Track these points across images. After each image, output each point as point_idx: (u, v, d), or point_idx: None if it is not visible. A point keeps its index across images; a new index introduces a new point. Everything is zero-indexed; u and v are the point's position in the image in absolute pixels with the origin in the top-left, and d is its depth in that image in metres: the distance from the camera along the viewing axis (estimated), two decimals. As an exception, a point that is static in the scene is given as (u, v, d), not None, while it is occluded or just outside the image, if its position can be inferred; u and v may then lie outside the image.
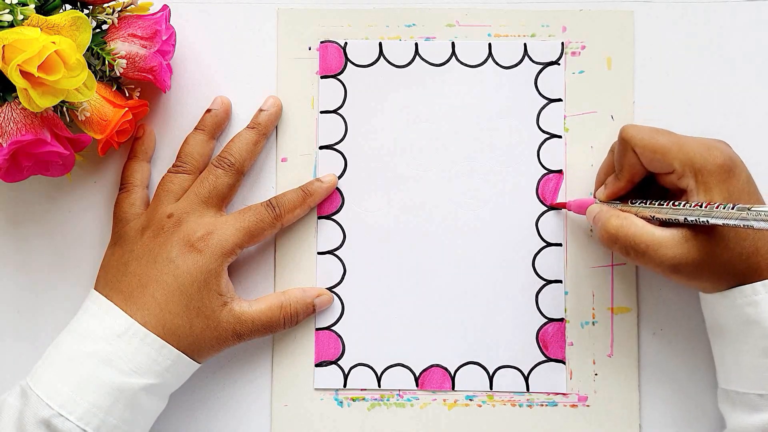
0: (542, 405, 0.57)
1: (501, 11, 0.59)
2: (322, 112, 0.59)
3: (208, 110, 0.58)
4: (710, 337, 0.53)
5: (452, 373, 0.57)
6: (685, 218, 0.48)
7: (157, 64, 0.54)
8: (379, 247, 0.58)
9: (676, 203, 0.49)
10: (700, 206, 0.48)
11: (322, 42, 0.59)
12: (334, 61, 0.59)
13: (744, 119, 0.58)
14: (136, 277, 0.53)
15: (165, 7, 0.55)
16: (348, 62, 0.59)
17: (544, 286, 0.57)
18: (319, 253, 0.58)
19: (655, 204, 0.51)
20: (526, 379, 0.57)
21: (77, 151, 0.54)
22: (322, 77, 0.59)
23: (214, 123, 0.58)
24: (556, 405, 0.57)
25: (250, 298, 0.57)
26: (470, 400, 0.57)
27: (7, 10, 0.49)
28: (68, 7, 0.53)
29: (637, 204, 0.52)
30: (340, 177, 0.58)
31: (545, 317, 0.57)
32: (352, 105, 0.58)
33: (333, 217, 0.58)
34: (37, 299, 0.58)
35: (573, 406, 0.57)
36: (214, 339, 0.54)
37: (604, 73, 0.58)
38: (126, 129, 0.55)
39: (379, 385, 0.57)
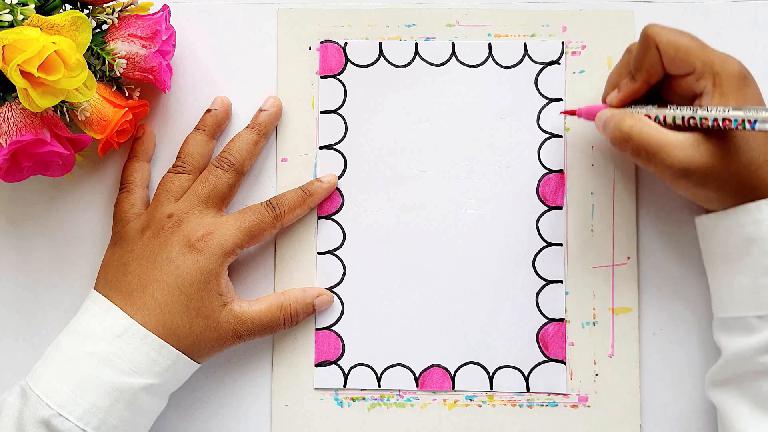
0: (542, 405, 0.57)
1: (501, 11, 0.59)
2: (322, 112, 0.59)
3: (208, 110, 0.58)
4: (707, 266, 0.53)
5: (452, 373, 0.57)
6: (701, 117, 0.48)
7: (157, 64, 0.54)
8: (379, 247, 0.58)
9: (691, 109, 0.49)
10: (715, 108, 0.48)
11: (322, 42, 0.59)
12: (334, 61, 0.59)
13: (744, 119, 0.58)
14: (136, 277, 0.53)
15: (165, 7, 0.55)
16: (348, 62, 0.59)
17: (544, 286, 0.57)
18: (319, 253, 0.58)
19: (668, 108, 0.50)
20: (527, 379, 0.57)
21: (77, 151, 0.54)
22: (322, 77, 0.59)
23: (214, 123, 0.58)
24: (557, 405, 0.57)
25: (250, 298, 0.57)
26: (470, 400, 0.57)
27: (7, 10, 0.49)
28: (68, 7, 0.53)
29: (651, 110, 0.51)
30: (340, 177, 0.58)
31: (545, 317, 0.57)
32: (352, 105, 0.58)
33: (333, 217, 0.58)
34: (37, 299, 0.58)
35: (573, 406, 0.57)
36: (214, 339, 0.54)
37: (604, 73, 0.58)
38: (126, 129, 0.55)
39: (379, 385, 0.57)
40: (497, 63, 0.58)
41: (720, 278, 0.52)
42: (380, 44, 0.59)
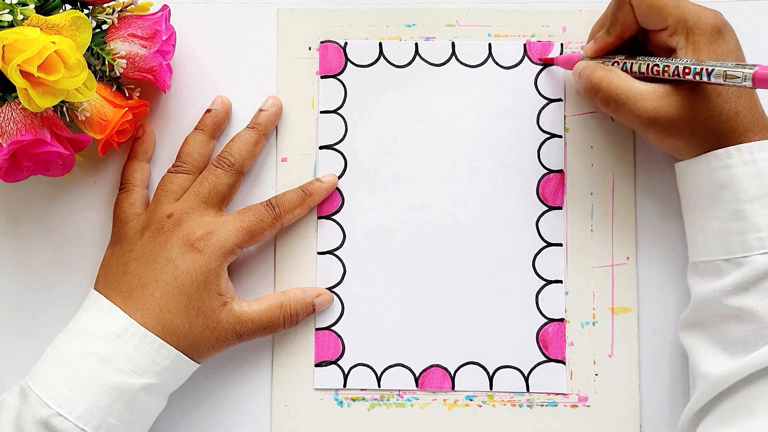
0: (542, 405, 0.57)
1: (501, 11, 0.59)
2: (322, 112, 0.59)
3: (208, 110, 0.58)
4: (684, 211, 0.54)
5: (452, 373, 0.57)
6: (664, 66, 0.50)
7: (157, 64, 0.54)
8: (379, 247, 0.58)
9: (657, 59, 0.51)
10: (684, 61, 0.49)
11: (322, 42, 0.59)
12: (334, 61, 0.59)
13: (744, 119, 0.58)
14: (135, 277, 0.53)
15: (165, 7, 0.55)
16: (348, 62, 0.59)
17: (544, 286, 0.57)
18: (319, 253, 0.58)
19: (636, 59, 0.52)
20: (526, 379, 0.57)
21: (77, 151, 0.54)
22: (322, 77, 0.59)
23: (214, 123, 0.58)
24: (557, 405, 0.57)
25: (250, 298, 0.57)
26: (470, 400, 0.57)
27: (7, 10, 0.49)
28: (68, 7, 0.53)
29: (622, 58, 0.53)
30: (340, 177, 0.58)
31: (545, 317, 0.57)
32: (352, 105, 0.58)
33: (333, 217, 0.58)
34: (37, 299, 0.58)
35: (573, 406, 0.57)
36: (214, 339, 0.54)
37: (604, 73, 0.58)
38: (126, 129, 0.55)
39: (379, 385, 0.57)
40: (497, 63, 0.58)
41: (693, 223, 0.53)
42: (380, 44, 0.59)
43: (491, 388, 0.57)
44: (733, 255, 0.49)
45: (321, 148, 0.58)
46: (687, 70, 0.48)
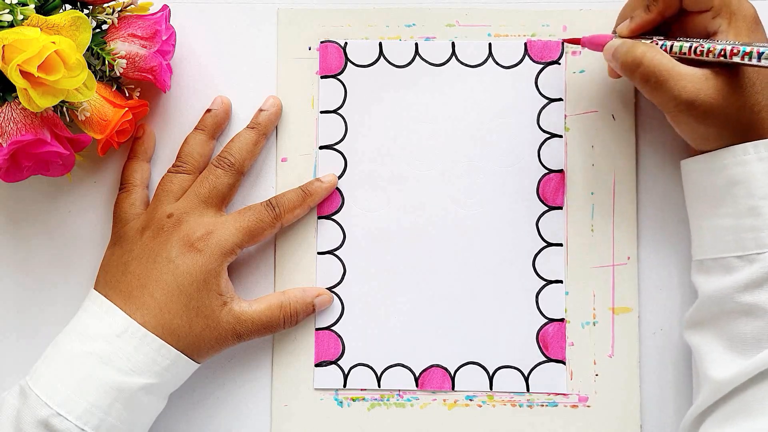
0: (542, 405, 0.57)
1: (501, 11, 0.59)
2: (322, 112, 0.59)
3: (208, 110, 0.58)
4: (690, 208, 0.54)
5: (452, 373, 0.57)
6: (708, 48, 0.49)
7: (157, 64, 0.54)
8: (379, 247, 0.58)
9: (701, 40, 0.50)
10: (727, 42, 0.49)
11: (322, 42, 0.59)
12: (334, 61, 0.59)
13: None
14: (135, 277, 0.53)
15: (165, 7, 0.55)
16: (348, 62, 0.59)
17: (544, 286, 0.57)
18: (319, 253, 0.58)
19: (676, 40, 0.51)
20: (526, 379, 0.57)
21: (77, 151, 0.54)
22: (322, 77, 0.59)
23: (214, 123, 0.58)
24: (557, 405, 0.57)
25: (250, 298, 0.57)
26: (470, 400, 0.57)
27: (7, 10, 0.49)
28: (68, 7, 0.53)
29: (661, 39, 0.52)
30: (340, 177, 0.58)
31: (545, 317, 0.57)
32: (352, 105, 0.58)
33: (333, 217, 0.58)
34: (37, 299, 0.58)
35: (573, 406, 0.57)
36: (214, 339, 0.54)
37: (604, 73, 0.58)
38: (126, 129, 0.55)
39: (379, 385, 0.57)
40: (497, 63, 0.58)
41: (702, 220, 0.52)
42: (380, 44, 0.59)
43: (491, 388, 0.57)
44: (746, 252, 0.49)
45: (321, 148, 0.58)
46: (735, 51, 0.48)
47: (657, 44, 0.51)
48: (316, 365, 0.57)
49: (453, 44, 0.58)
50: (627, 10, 0.54)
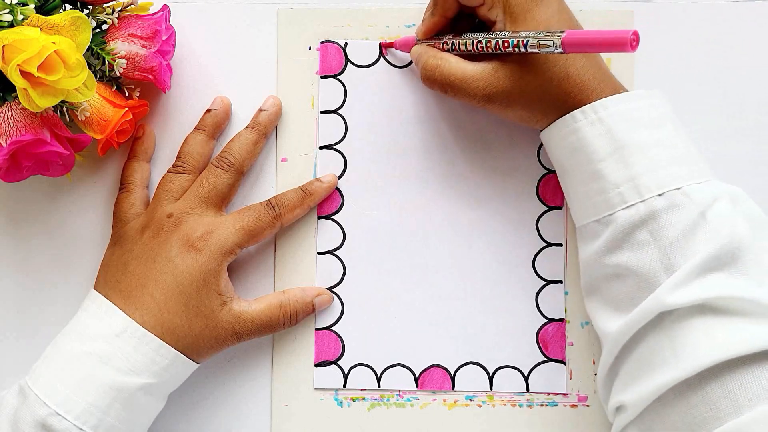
0: (542, 405, 0.57)
1: (501, 11, 0.58)
2: (322, 112, 0.59)
3: (208, 110, 0.58)
4: (560, 181, 0.54)
5: (452, 373, 0.57)
6: (486, 42, 0.50)
7: (157, 64, 0.54)
8: (379, 247, 0.58)
9: (480, 35, 0.51)
10: (501, 34, 0.50)
11: (322, 42, 0.59)
12: (334, 61, 0.59)
13: (744, 118, 0.58)
14: (135, 277, 0.53)
15: (165, 7, 0.55)
16: (348, 62, 0.59)
17: (544, 286, 0.57)
18: (319, 253, 0.58)
19: (461, 37, 0.52)
20: (526, 379, 0.57)
21: (77, 151, 0.54)
22: (322, 77, 0.59)
23: (214, 123, 0.58)
24: (556, 405, 0.57)
25: (250, 297, 0.57)
26: (470, 400, 0.57)
27: (7, 10, 0.49)
28: (68, 7, 0.53)
29: (450, 38, 0.53)
30: (340, 177, 0.58)
31: (545, 317, 0.57)
32: (352, 105, 0.58)
33: (333, 217, 0.58)
34: (37, 299, 0.58)
35: (573, 406, 0.57)
36: (213, 339, 0.54)
37: (604, 73, 0.58)
38: (126, 129, 0.55)
39: (379, 385, 0.57)
40: (497, 63, 0.58)
41: (566, 190, 0.53)
42: (380, 44, 0.58)
43: (491, 388, 0.57)
44: (600, 215, 0.49)
45: (321, 148, 0.58)
46: (506, 44, 0.49)
47: (447, 44, 0.53)
48: (316, 365, 0.58)
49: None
50: (426, 11, 0.56)
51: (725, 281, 0.46)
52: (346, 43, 0.59)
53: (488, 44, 0.50)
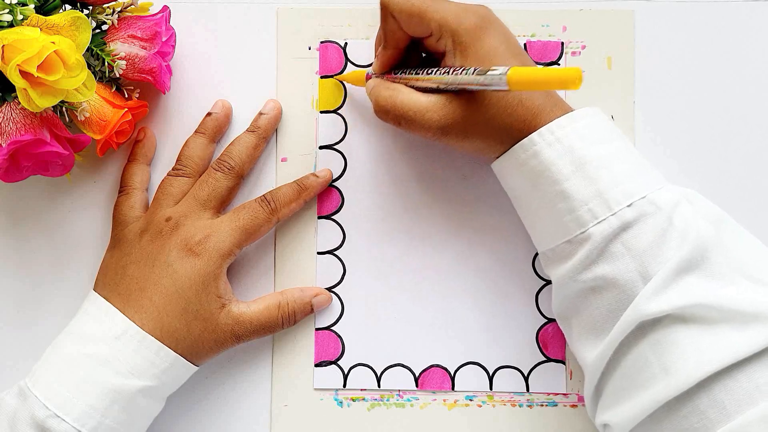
0: (542, 405, 0.57)
1: (500, 11, 0.58)
2: (322, 112, 0.59)
3: (209, 113, 0.58)
4: (516, 209, 0.54)
5: (452, 373, 0.57)
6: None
7: (156, 65, 0.54)
8: (379, 247, 0.58)
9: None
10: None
11: (322, 42, 0.59)
12: (334, 61, 0.59)
13: (744, 119, 0.58)
14: (134, 280, 0.53)
15: (165, 7, 0.55)
16: (348, 62, 0.59)
17: (544, 286, 0.57)
18: (318, 253, 0.58)
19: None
20: (526, 379, 0.57)
21: (77, 151, 0.54)
22: (322, 77, 0.59)
23: (215, 126, 0.58)
24: (556, 405, 0.57)
25: (249, 298, 0.57)
26: (470, 400, 0.57)
27: (7, 10, 0.49)
28: (68, 7, 0.53)
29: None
30: (340, 177, 0.58)
31: (545, 317, 0.57)
32: (352, 105, 0.58)
33: (333, 217, 0.58)
34: (37, 299, 0.58)
35: (573, 406, 0.57)
36: (213, 341, 0.54)
37: (604, 73, 0.58)
38: (125, 130, 0.55)
39: (379, 385, 0.57)
40: (497, 63, 0.58)
41: (527, 216, 0.52)
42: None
43: (491, 388, 0.57)
44: (572, 234, 0.48)
45: (321, 148, 0.58)
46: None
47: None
48: (316, 365, 0.58)
49: (453, 44, 0.58)
50: (376, 43, 0.55)
51: (700, 285, 0.46)
52: (346, 43, 0.59)
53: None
